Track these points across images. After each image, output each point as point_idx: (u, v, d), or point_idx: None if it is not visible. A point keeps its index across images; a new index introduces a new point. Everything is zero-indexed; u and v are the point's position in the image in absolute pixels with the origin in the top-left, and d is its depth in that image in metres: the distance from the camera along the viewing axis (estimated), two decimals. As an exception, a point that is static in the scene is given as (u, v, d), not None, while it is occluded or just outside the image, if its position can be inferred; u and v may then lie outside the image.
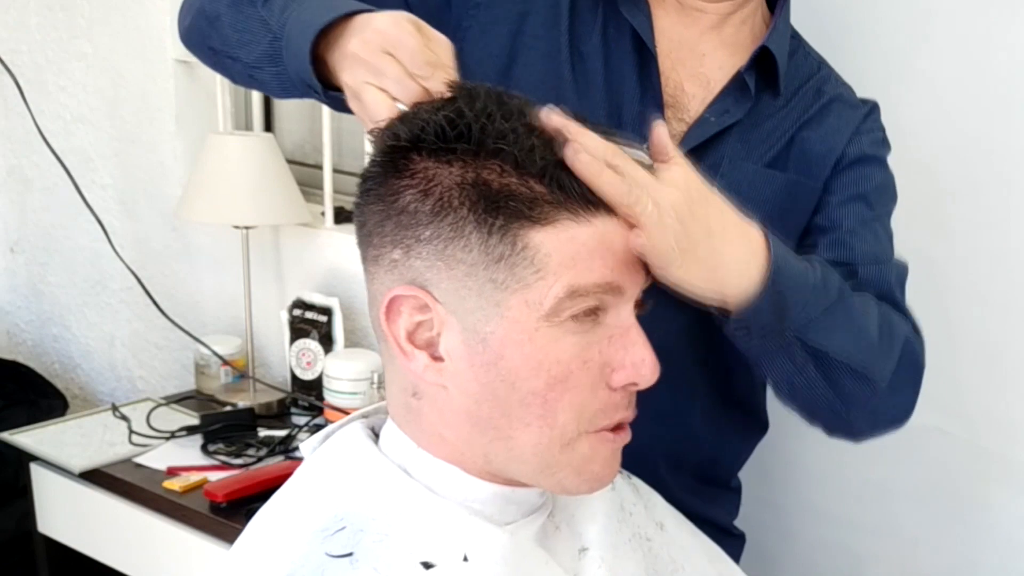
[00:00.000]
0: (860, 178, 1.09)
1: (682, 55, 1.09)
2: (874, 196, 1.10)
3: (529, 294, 0.74)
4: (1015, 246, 1.44)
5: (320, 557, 0.76)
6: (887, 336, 0.99)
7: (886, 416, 1.04)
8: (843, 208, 1.08)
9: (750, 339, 0.91)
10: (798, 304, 0.90)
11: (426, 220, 0.75)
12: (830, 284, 0.95)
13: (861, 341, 0.96)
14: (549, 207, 0.74)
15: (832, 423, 1.03)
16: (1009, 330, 1.46)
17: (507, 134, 0.75)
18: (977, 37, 1.42)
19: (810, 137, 1.09)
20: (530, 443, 0.77)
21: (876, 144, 1.12)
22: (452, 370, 0.77)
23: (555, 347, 0.75)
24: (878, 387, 0.98)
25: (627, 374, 0.77)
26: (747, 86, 1.06)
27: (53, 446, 1.98)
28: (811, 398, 0.97)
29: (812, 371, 0.95)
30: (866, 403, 0.99)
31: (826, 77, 1.13)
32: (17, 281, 2.80)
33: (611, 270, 0.76)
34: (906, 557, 1.60)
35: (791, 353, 0.93)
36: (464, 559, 0.76)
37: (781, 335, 0.91)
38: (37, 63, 2.58)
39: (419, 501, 0.79)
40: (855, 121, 1.11)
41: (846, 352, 0.95)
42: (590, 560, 0.87)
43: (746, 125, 1.07)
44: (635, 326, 0.79)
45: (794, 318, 0.90)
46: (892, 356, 0.99)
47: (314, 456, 0.86)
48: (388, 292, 0.77)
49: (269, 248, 2.28)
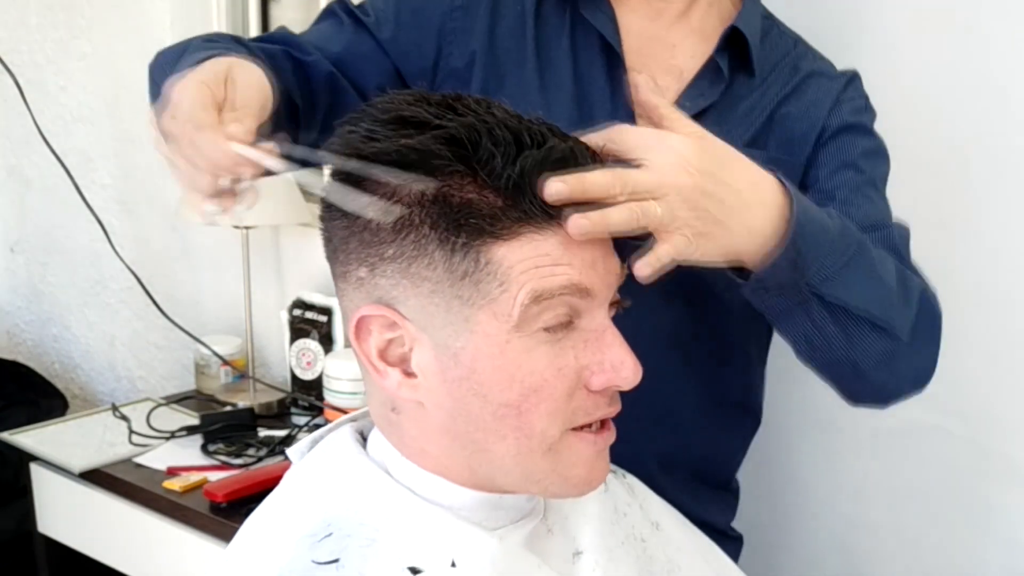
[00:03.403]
0: (845, 147, 1.07)
1: (653, 49, 1.08)
2: (863, 161, 1.07)
3: (496, 307, 0.73)
4: (1016, 245, 1.44)
5: (306, 564, 0.75)
6: (904, 288, 0.96)
7: (909, 374, 1.00)
8: (833, 179, 1.06)
9: (768, 298, 0.89)
10: (817, 259, 0.87)
11: (389, 238, 0.74)
12: (849, 236, 0.91)
13: (880, 293, 0.93)
14: (511, 221, 0.72)
15: (854, 386, 0.99)
16: (1011, 329, 1.46)
17: (468, 147, 0.73)
18: (976, 35, 1.42)
19: (790, 114, 1.07)
20: (509, 454, 0.76)
21: (858, 112, 1.10)
22: (426, 386, 0.76)
23: (527, 358, 0.74)
24: (899, 341, 0.94)
25: (607, 377, 0.76)
26: (720, 69, 1.05)
27: (53, 446, 1.98)
28: (831, 357, 0.94)
29: (831, 327, 0.91)
30: (888, 359, 0.95)
31: (802, 53, 1.12)
32: (17, 281, 2.80)
33: (578, 272, 0.74)
34: (907, 556, 1.59)
35: (809, 309, 0.90)
36: (452, 565, 0.76)
37: (799, 291, 0.88)
38: (37, 63, 2.58)
39: (406, 506, 0.78)
40: (834, 92, 1.09)
41: (866, 305, 0.91)
42: (584, 564, 0.86)
43: (721, 107, 1.06)
44: (610, 328, 0.77)
45: (813, 273, 0.87)
46: (911, 308, 0.96)
47: (303, 461, 0.85)
48: (356, 311, 0.76)
49: (269, 248, 2.28)
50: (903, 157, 1.15)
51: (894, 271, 0.96)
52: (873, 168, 1.08)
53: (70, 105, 2.55)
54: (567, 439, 0.77)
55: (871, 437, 1.60)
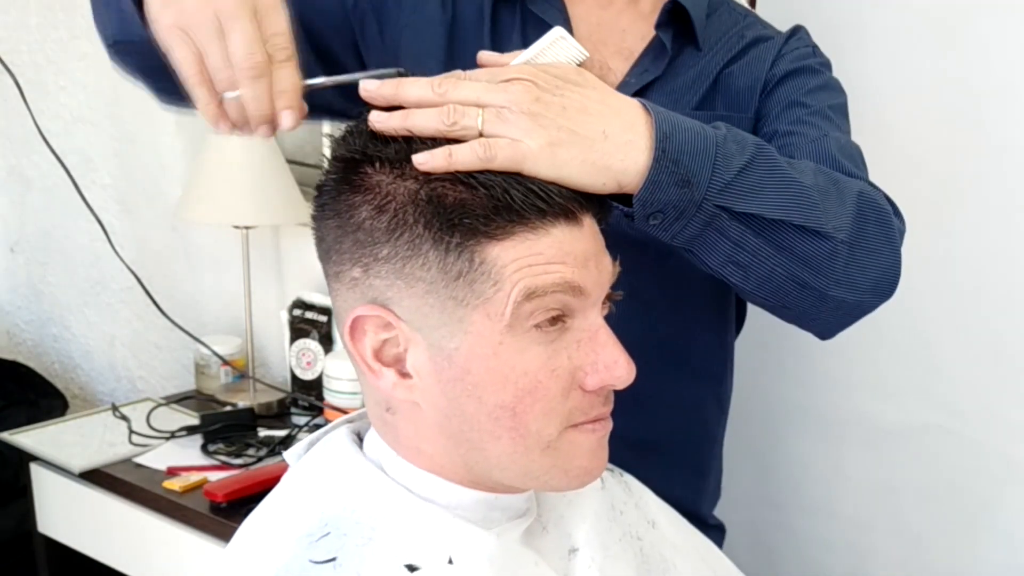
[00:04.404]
0: (790, 90, 1.06)
1: (603, 35, 1.09)
2: (808, 98, 1.04)
3: (489, 307, 0.73)
4: (1016, 244, 1.44)
5: (303, 563, 0.75)
6: (830, 186, 0.89)
7: (864, 280, 0.91)
8: (778, 120, 1.04)
9: (670, 226, 0.82)
10: (704, 168, 0.80)
11: (383, 238, 0.74)
12: (742, 141, 0.84)
13: (797, 192, 0.85)
14: (504, 221, 0.72)
15: (811, 309, 0.91)
16: (1012, 328, 1.46)
17: None
18: (974, 32, 1.42)
19: (732, 72, 1.08)
20: (505, 453, 0.76)
21: (802, 58, 1.09)
22: (421, 387, 0.76)
23: (521, 359, 0.74)
24: (836, 240, 0.87)
25: (601, 377, 0.76)
26: (664, 44, 1.06)
27: (53, 446, 1.98)
28: (766, 275, 0.87)
29: (751, 240, 0.84)
30: (832, 263, 0.88)
31: (751, 24, 1.13)
32: (17, 281, 2.80)
33: (571, 271, 0.74)
34: (909, 555, 1.59)
35: (720, 228, 0.83)
36: (449, 561, 0.76)
37: (700, 209, 0.81)
38: (37, 63, 2.58)
39: (403, 504, 0.78)
40: (776, 47, 1.09)
41: (781, 207, 0.84)
42: (580, 561, 0.86)
43: (666, 78, 1.07)
44: (603, 328, 0.77)
45: (705, 185, 0.81)
46: (844, 206, 0.89)
47: (300, 462, 0.85)
48: (351, 312, 0.76)
49: (269, 248, 2.28)
50: (902, 157, 1.15)
51: (812, 171, 0.89)
52: (820, 100, 1.05)
53: (70, 105, 2.55)
54: (567, 435, 0.77)
55: (871, 436, 1.60)
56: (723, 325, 1.18)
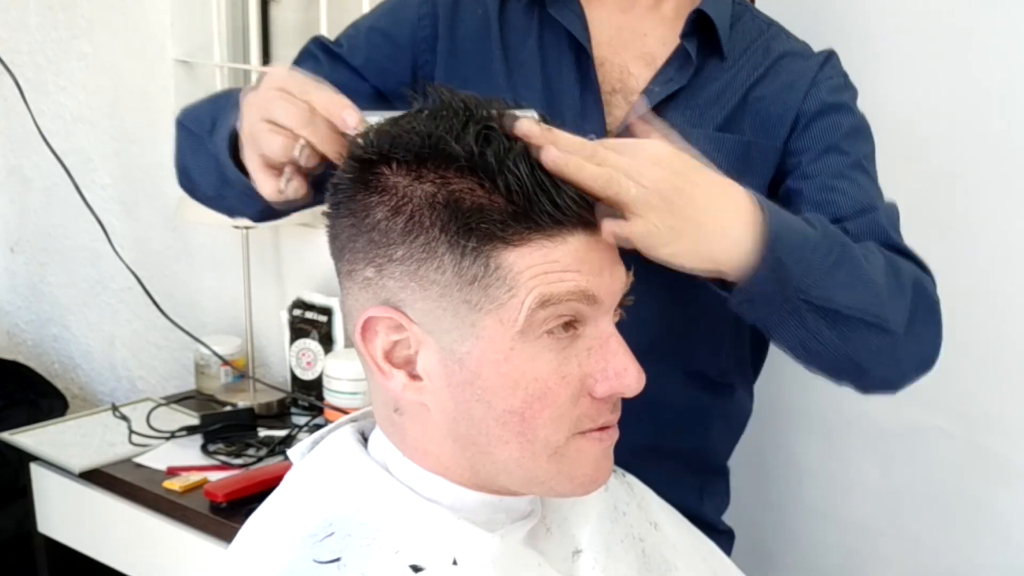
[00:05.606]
0: (826, 130, 1.06)
1: (624, 39, 1.09)
2: (846, 143, 1.06)
3: (503, 313, 0.73)
4: (1015, 245, 1.44)
5: (307, 564, 0.75)
6: (895, 280, 0.95)
7: (911, 362, 0.99)
8: (815, 165, 1.05)
9: (755, 310, 0.88)
10: (800, 267, 0.86)
11: (398, 239, 0.74)
12: (831, 239, 0.90)
13: (871, 291, 0.92)
14: (521, 227, 0.72)
15: (860, 380, 0.98)
16: (1011, 330, 1.46)
17: (479, 150, 0.73)
18: (974, 31, 1.42)
19: (764, 96, 1.07)
20: (512, 458, 0.76)
21: (836, 91, 1.09)
22: (430, 389, 0.76)
23: (531, 365, 0.74)
24: (896, 335, 0.94)
25: (610, 385, 0.76)
26: (689, 54, 1.06)
27: (53, 446, 1.98)
28: (831, 359, 0.93)
29: (826, 332, 0.90)
30: (888, 354, 0.95)
31: (775, 34, 1.12)
32: (17, 281, 2.80)
33: (585, 279, 0.74)
34: (907, 557, 1.59)
35: (800, 317, 0.89)
36: (453, 563, 0.76)
37: (787, 300, 0.87)
38: (37, 63, 2.58)
39: (407, 505, 0.78)
40: (809, 73, 1.08)
41: (857, 306, 0.90)
42: (584, 562, 0.86)
43: (691, 90, 1.07)
44: (615, 335, 0.77)
45: (798, 281, 0.87)
46: (904, 299, 0.95)
47: (304, 461, 0.86)
48: (363, 312, 0.77)
49: (269, 248, 2.28)
50: (902, 157, 1.15)
51: (883, 264, 0.95)
52: (857, 148, 1.07)
53: (70, 105, 2.55)
54: (574, 442, 0.77)
55: (871, 437, 1.60)
56: (735, 338, 1.17)
